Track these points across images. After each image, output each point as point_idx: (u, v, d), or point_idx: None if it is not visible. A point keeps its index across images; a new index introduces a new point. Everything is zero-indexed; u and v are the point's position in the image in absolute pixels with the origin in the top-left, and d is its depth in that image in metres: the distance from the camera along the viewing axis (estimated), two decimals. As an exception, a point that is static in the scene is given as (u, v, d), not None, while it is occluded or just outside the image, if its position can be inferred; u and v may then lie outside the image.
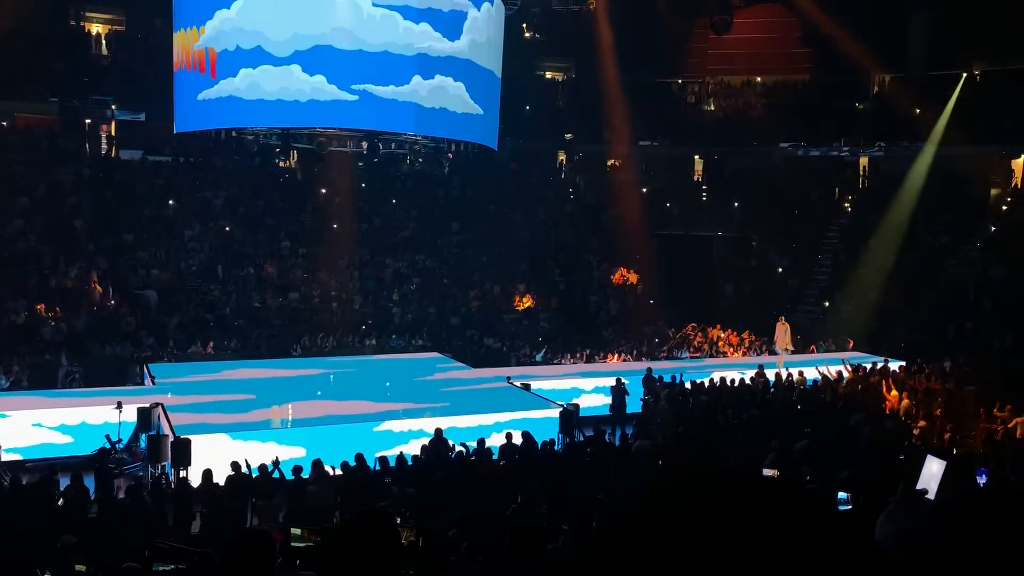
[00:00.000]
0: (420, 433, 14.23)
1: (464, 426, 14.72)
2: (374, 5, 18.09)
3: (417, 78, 18.35)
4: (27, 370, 18.14)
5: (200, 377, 17.85)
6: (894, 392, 15.80)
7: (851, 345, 23.83)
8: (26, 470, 12.96)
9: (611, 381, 17.98)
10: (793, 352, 22.03)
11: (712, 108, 33.35)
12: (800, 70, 31.81)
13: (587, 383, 18.93)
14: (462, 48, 19.52)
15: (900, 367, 19.63)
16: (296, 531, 8.15)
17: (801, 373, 18.45)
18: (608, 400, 17.81)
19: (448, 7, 18.77)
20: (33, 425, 14.55)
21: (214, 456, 12.51)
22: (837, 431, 13.31)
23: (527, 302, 26.05)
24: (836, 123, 29.84)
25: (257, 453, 12.51)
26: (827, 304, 27.13)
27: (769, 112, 31.24)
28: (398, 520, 9.05)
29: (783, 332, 21.82)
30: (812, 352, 23.66)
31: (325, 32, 18.07)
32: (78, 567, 7.05)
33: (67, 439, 14.51)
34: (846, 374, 18.16)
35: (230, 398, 15.86)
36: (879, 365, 18.63)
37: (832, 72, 30.24)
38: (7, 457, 13.63)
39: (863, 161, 30.96)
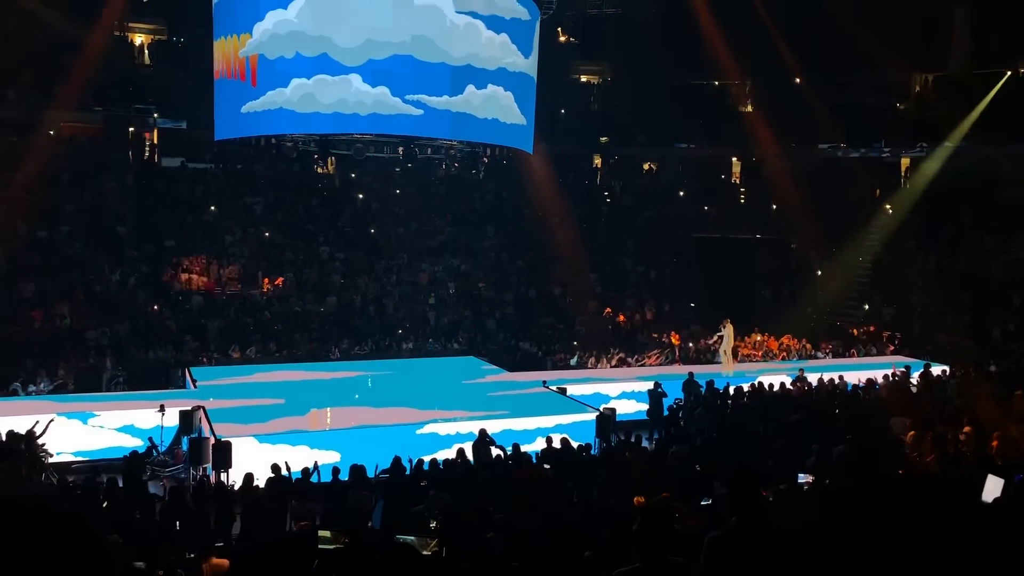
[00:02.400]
0: (470, 436, 13.86)
1: (501, 430, 14.72)
2: (457, 12, 17.19)
3: (471, 87, 17.64)
4: (73, 374, 18.52)
5: (239, 379, 18.02)
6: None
7: (891, 350, 23.44)
8: (72, 471, 13.25)
9: (647, 386, 17.86)
10: (732, 357, 20.64)
11: (750, 109, 33.04)
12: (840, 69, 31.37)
13: (614, 388, 18.66)
14: (531, 64, 19.25)
15: (943, 371, 19.31)
16: (326, 534, 8.23)
17: (841, 378, 18.19)
18: (645, 405, 17.69)
19: (511, 15, 18.25)
20: (122, 429, 14.82)
21: (247, 459, 12.68)
22: (878, 436, 13.10)
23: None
24: (877, 124, 29.41)
25: (287, 456, 12.52)
26: (867, 307, 26.75)
27: (808, 112, 30.85)
28: (433, 524, 9.11)
29: (729, 336, 20.64)
30: (852, 356, 23.32)
31: (405, 40, 16.85)
32: (137, 564, 7.20)
33: (107, 442, 14.75)
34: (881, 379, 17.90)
35: (267, 402, 15.97)
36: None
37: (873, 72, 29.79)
38: (67, 459, 13.97)
39: (904, 162, 30.47)
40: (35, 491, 10.61)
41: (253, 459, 12.67)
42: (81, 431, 14.66)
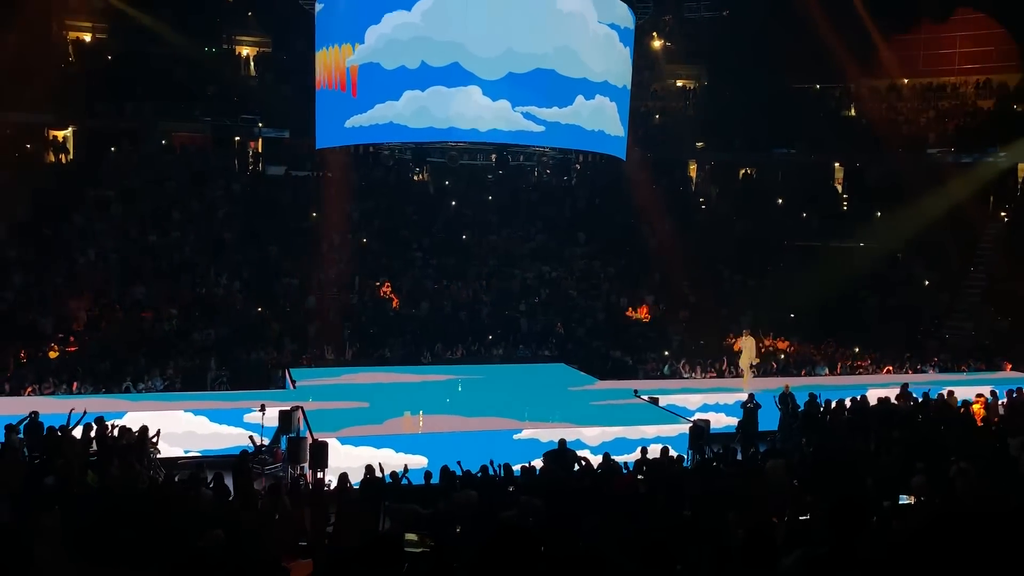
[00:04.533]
0: (570, 444, 13.51)
1: (591, 440, 14.59)
2: (599, 22, 16.20)
3: (580, 99, 16.69)
4: (180, 373, 19.30)
5: (334, 380, 18.43)
6: None
7: (1008, 368, 22.14)
8: (178, 467, 13.79)
9: (732, 398, 17.45)
10: (753, 369, 19.50)
11: (854, 113, 31.94)
12: (950, 71, 30.06)
13: (697, 399, 18.09)
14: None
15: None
16: (411, 537, 8.30)
17: (951, 393, 17.31)
18: (731, 419, 17.29)
19: (625, 24, 17.70)
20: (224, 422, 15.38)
21: (338, 460, 12.91)
22: (992, 457, 12.39)
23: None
24: (990, 127, 27.95)
25: (374, 458, 12.65)
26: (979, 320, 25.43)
27: (916, 116, 29.64)
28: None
29: (749, 347, 19.56)
30: (963, 371, 22.18)
31: (548, 53, 15.49)
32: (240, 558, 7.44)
33: (209, 440, 15.29)
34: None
35: (355, 405, 16.22)
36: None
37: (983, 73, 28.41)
38: (174, 454, 14.62)
39: (1022, 167, 28.86)
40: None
41: (342, 460, 12.94)
42: (186, 427, 15.25)
